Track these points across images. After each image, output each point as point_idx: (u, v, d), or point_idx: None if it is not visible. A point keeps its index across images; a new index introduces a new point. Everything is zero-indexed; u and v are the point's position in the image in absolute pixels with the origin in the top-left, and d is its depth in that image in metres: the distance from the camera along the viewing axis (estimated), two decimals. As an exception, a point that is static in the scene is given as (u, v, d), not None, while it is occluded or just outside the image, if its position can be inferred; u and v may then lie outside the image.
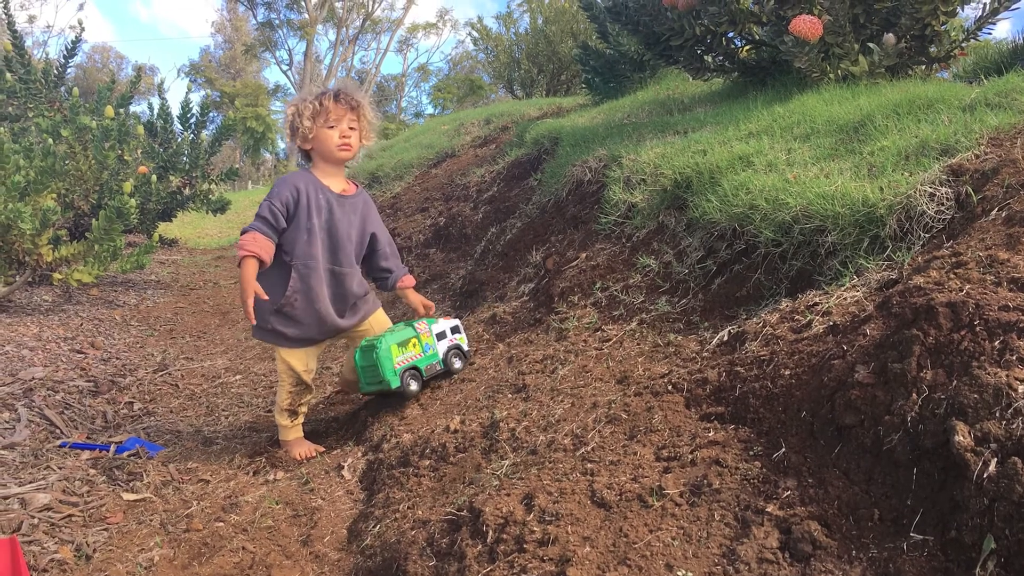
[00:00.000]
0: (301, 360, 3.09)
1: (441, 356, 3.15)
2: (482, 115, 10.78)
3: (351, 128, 2.98)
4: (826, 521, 1.51)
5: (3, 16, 7.59)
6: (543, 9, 14.20)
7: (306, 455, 3.02)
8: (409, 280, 3.31)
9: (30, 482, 2.72)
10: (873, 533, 1.47)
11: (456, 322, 3.28)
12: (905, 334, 1.65)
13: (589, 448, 2.07)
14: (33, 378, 3.72)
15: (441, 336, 3.18)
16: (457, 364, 3.20)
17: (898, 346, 1.65)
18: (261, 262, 2.82)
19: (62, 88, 7.59)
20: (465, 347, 3.27)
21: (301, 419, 3.15)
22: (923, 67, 4.19)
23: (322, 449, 3.07)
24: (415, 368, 3.04)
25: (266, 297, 2.80)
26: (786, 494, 1.59)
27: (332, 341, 3.37)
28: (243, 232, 2.88)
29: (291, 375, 3.08)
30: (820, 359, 1.86)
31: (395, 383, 2.94)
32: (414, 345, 3.04)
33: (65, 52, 7.76)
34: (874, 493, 1.53)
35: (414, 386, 3.02)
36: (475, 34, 17.92)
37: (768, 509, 1.56)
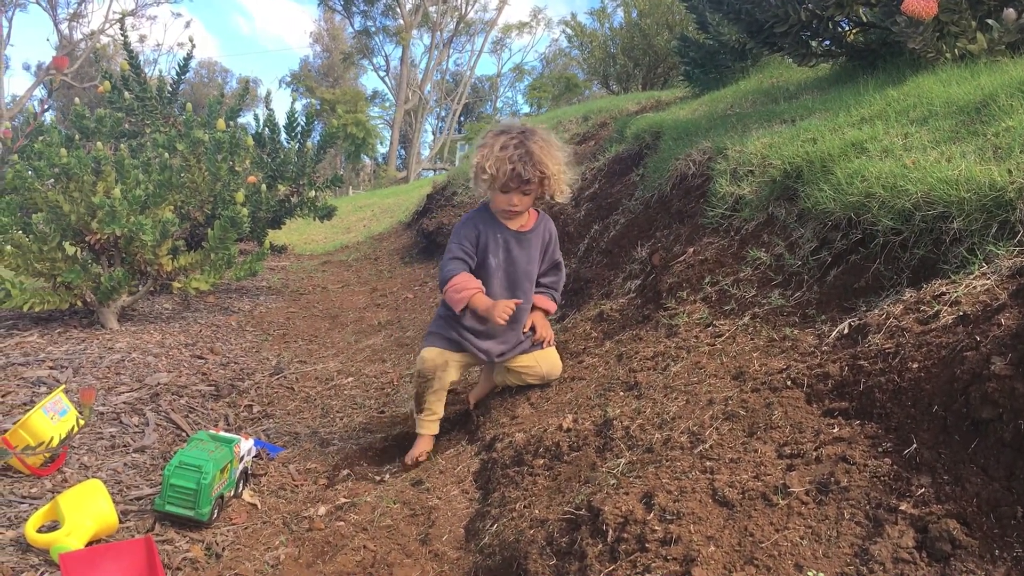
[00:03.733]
0: (440, 355, 3.12)
1: (235, 481, 2.81)
2: (579, 112, 10.75)
3: (524, 195, 2.98)
4: (965, 519, 1.45)
5: (120, 38, 7.96)
6: (637, 2, 14.07)
7: (415, 457, 3.07)
8: (543, 301, 3.28)
9: (160, 483, 2.83)
10: (1017, 531, 1.40)
11: (251, 443, 2.99)
12: (1045, 323, 1.57)
13: (707, 446, 2.03)
14: (159, 383, 3.88)
15: (241, 459, 2.86)
16: (243, 490, 2.88)
17: (1038, 336, 1.57)
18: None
19: (175, 105, 7.91)
20: (250, 470, 2.98)
21: (431, 416, 3.16)
22: (1047, 42, 3.97)
23: (424, 458, 3.08)
24: (221, 497, 2.68)
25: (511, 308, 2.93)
26: (920, 492, 1.53)
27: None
28: (446, 280, 2.98)
29: (420, 363, 3.13)
30: (951, 351, 1.79)
31: (208, 515, 2.56)
32: (226, 470, 2.70)
33: (178, 69, 8.09)
34: (1016, 490, 1.46)
35: (215, 515, 2.63)
36: (569, 31, 17.91)
37: (902, 507, 1.51)
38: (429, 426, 3.17)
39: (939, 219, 2.35)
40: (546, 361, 3.23)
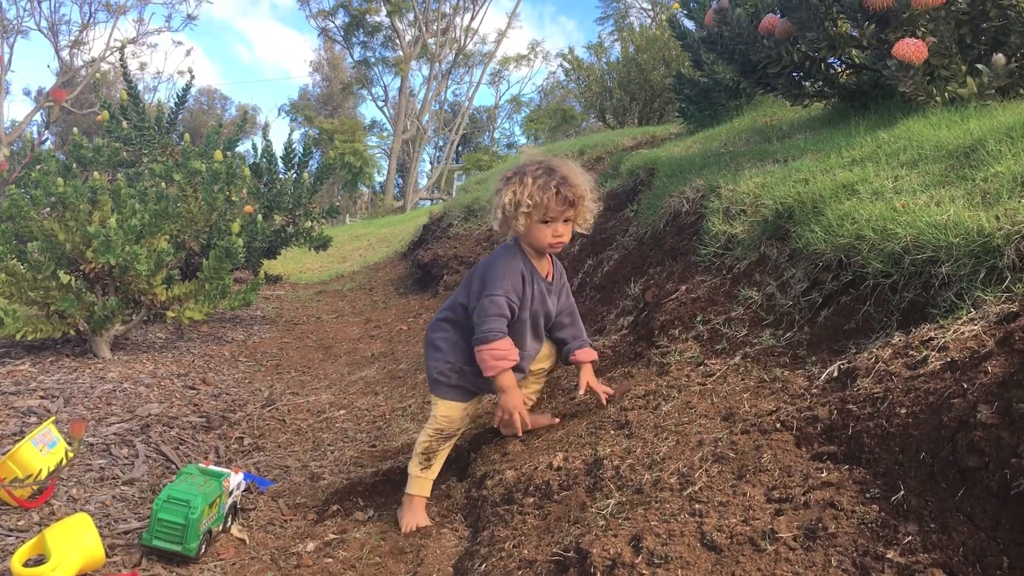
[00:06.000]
0: (464, 411, 2.91)
1: (224, 516, 2.80)
2: (576, 146, 10.82)
3: (566, 222, 2.76)
4: (951, 569, 1.45)
5: (119, 67, 8.02)
6: (634, 38, 14.20)
7: (412, 528, 2.73)
8: (587, 354, 3.04)
9: (148, 517, 2.81)
10: (1003, 582, 1.40)
11: (241, 477, 2.96)
12: (1031, 372, 1.58)
13: (696, 488, 2.04)
14: (149, 414, 3.87)
15: (230, 493, 2.84)
16: (231, 525, 2.86)
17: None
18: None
19: (174, 134, 7.96)
20: (239, 504, 2.96)
21: (434, 473, 2.89)
22: (1036, 87, 4.03)
23: (428, 524, 2.76)
24: (209, 532, 2.66)
25: (530, 426, 2.85)
26: (907, 539, 1.54)
27: None
28: (488, 340, 2.70)
29: (444, 422, 2.87)
30: (938, 397, 1.80)
31: (196, 551, 2.55)
32: (215, 505, 2.69)
33: (177, 99, 8.14)
34: (1002, 540, 1.46)
35: (202, 551, 2.62)
36: (566, 65, 18.06)
37: (888, 555, 1.51)
38: (427, 486, 2.87)
39: (928, 263, 2.37)
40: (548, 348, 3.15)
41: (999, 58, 3.72)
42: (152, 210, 5.22)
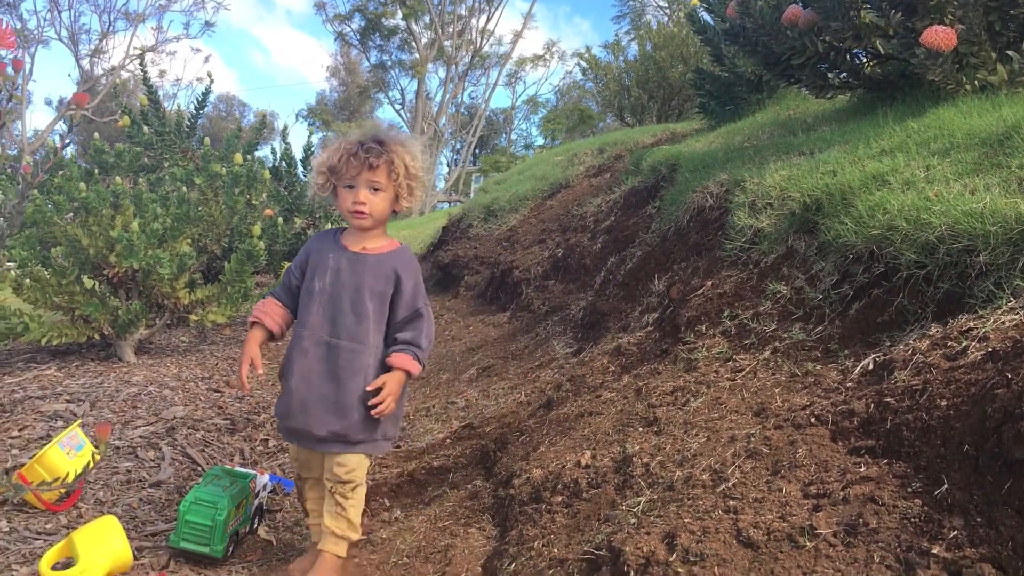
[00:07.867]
0: (296, 450, 2.56)
1: (250, 517, 2.77)
2: (595, 144, 10.77)
3: (374, 189, 2.36)
4: (1000, 563, 1.40)
5: (139, 73, 8.08)
6: (651, 35, 14.13)
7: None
8: (402, 359, 2.39)
9: (175, 519, 2.80)
10: (1055, 578, 1.36)
11: (267, 478, 2.92)
12: (1079, 360, 1.53)
13: (730, 484, 1.99)
14: (175, 417, 3.87)
15: (256, 494, 2.81)
16: (258, 527, 2.84)
17: (1071, 373, 1.53)
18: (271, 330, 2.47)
19: (193, 139, 7.99)
20: (265, 505, 2.92)
21: (312, 519, 2.57)
22: (1067, 73, 3.95)
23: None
24: (236, 533, 2.63)
25: (260, 370, 2.42)
26: (952, 534, 1.49)
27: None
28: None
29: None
30: (981, 388, 1.74)
31: (223, 552, 2.52)
32: (241, 506, 2.66)
33: (196, 104, 8.18)
34: (1053, 533, 1.42)
35: (230, 552, 2.59)
36: (583, 64, 18.01)
37: (934, 550, 1.46)
38: (316, 530, 2.53)
39: (964, 252, 2.32)
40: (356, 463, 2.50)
41: (1029, 45, 3.65)
42: (174, 214, 5.22)
